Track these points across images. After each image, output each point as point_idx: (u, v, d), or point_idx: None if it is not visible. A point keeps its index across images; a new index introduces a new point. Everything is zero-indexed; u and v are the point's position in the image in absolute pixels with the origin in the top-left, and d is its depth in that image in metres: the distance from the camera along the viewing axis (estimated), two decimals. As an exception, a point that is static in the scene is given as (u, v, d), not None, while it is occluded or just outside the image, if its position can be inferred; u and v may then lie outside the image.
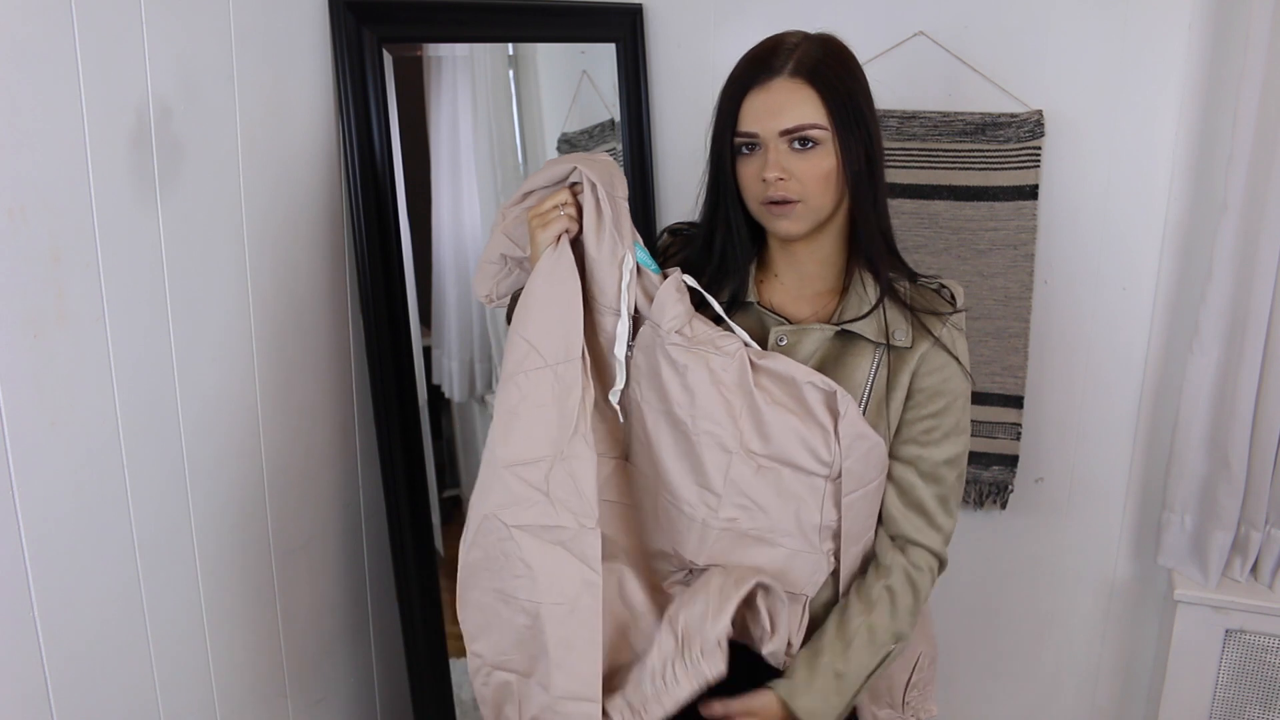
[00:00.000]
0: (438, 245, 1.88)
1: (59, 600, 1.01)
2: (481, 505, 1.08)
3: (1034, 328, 1.80)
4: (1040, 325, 1.81)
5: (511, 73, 1.94)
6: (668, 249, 1.29)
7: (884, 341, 1.14)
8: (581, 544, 1.06)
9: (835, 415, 1.09)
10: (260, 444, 1.34)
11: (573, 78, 1.97)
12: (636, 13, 1.92)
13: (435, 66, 1.78)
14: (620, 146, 1.95)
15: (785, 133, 1.08)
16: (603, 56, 1.91)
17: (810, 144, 1.08)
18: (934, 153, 1.76)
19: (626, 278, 1.10)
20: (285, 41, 1.34)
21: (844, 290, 1.17)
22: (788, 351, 1.16)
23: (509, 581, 1.07)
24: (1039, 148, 1.71)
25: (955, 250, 1.78)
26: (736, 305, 1.19)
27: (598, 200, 1.09)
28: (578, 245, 1.12)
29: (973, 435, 1.84)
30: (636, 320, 1.14)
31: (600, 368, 1.17)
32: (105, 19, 1.01)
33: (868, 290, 1.15)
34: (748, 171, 1.12)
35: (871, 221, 1.14)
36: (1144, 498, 1.86)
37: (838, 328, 1.15)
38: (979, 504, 1.90)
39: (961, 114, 1.73)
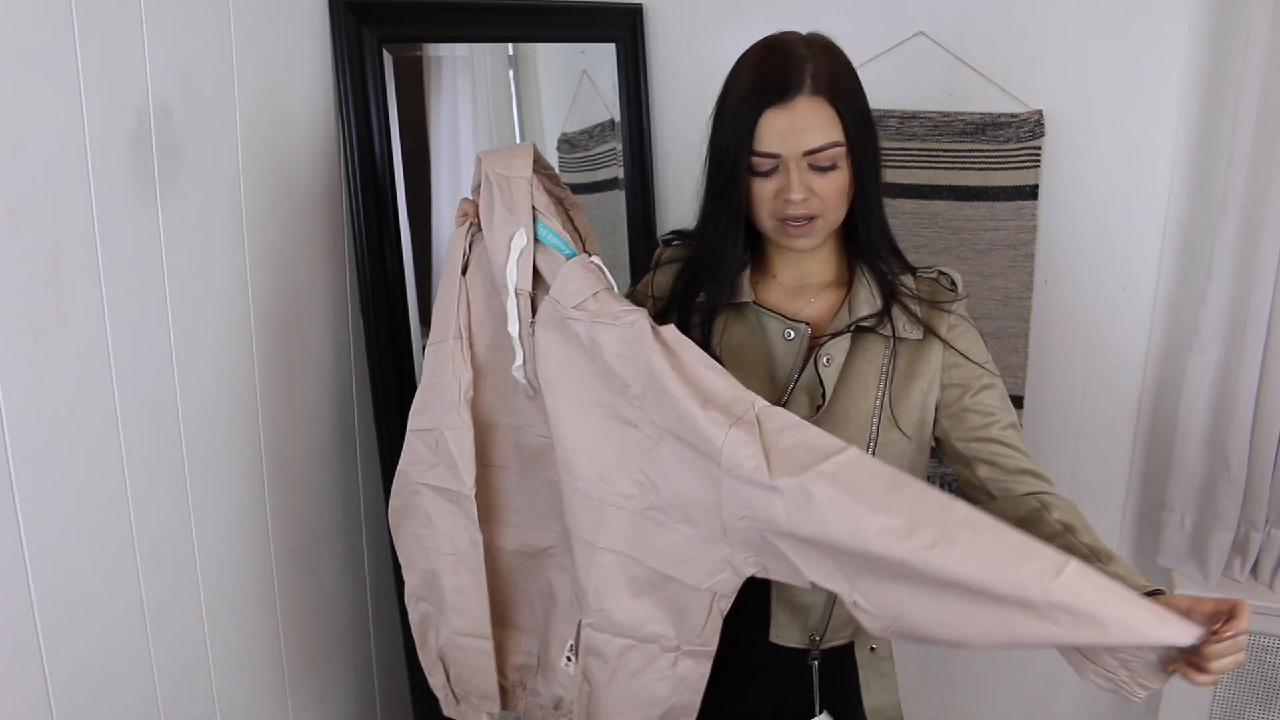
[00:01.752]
0: (438, 245, 1.87)
1: (59, 600, 1.01)
2: (400, 461, 1.22)
3: (1034, 328, 1.80)
4: (1040, 325, 1.81)
5: (511, 73, 1.93)
6: (660, 257, 1.29)
7: (891, 334, 1.15)
8: (468, 506, 1.17)
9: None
10: (260, 444, 1.34)
11: (573, 78, 1.97)
12: (636, 13, 1.92)
13: (435, 66, 1.77)
14: (620, 146, 1.95)
15: (809, 153, 1.07)
16: (603, 56, 1.91)
17: (831, 164, 1.08)
18: (934, 153, 1.76)
19: (514, 254, 1.11)
20: (285, 41, 1.34)
21: (849, 287, 1.18)
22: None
23: (419, 530, 1.22)
24: (1039, 148, 1.71)
25: (955, 250, 1.78)
26: (732, 307, 1.19)
27: (493, 185, 1.12)
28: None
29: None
30: (536, 299, 1.14)
31: (505, 346, 1.19)
32: (105, 19, 1.01)
33: (873, 286, 1.16)
34: (764, 190, 1.10)
35: (876, 223, 1.15)
36: (1144, 498, 1.86)
37: (850, 331, 1.15)
38: (978, 503, 1.89)
39: (961, 114, 1.73)
